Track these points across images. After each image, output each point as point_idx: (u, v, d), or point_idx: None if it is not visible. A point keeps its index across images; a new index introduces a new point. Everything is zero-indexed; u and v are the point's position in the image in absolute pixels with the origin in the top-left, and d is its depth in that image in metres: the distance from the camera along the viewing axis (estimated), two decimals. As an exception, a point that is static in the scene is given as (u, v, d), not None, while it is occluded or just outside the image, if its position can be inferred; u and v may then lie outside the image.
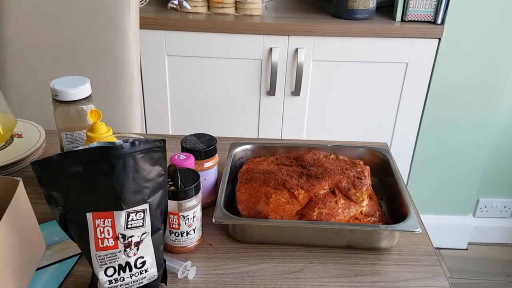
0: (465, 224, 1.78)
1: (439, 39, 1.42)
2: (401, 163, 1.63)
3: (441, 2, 1.39)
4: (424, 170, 1.66)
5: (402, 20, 1.44)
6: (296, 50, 1.43)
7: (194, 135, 0.75)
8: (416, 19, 1.43)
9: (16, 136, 0.90)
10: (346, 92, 1.50)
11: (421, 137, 1.59)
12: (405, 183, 1.67)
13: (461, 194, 1.72)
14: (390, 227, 0.66)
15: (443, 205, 1.74)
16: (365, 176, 0.72)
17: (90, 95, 0.75)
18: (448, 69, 1.48)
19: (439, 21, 1.41)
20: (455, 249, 1.81)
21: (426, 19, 1.43)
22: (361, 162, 0.76)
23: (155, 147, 0.53)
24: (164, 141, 0.54)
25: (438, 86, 1.50)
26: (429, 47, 1.43)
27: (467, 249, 1.82)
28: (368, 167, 0.75)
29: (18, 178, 0.58)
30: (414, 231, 0.64)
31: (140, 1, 1.47)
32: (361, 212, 0.70)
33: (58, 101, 0.73)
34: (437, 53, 1.44)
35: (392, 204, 0.75)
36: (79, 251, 0.65)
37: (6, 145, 0.87)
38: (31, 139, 0.89)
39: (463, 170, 1.66)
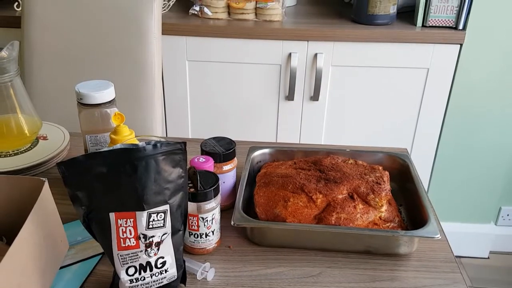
0: (486, 232, 1.74)
1: (461, 44, 1.40)
2: (422, 170, 1.61)
3: (462, 8, 1.37)
4: (445, 177, 1.64)
5: (423, 26, 1.43)
6: (315, 55, 1.43)
7: (214, 138, 0.76)
8: (437, 25, 1.42)
9: (42, 138, 0.93)
10: (365, 98, 1.50)
11: (442, 144, 1.57)
12: (426, 189, 1.65)
13: (483, 202, 1.69)
14: (410, 233, 0.65)
15: (464, 212, 1.71)
16: (384, 181, 0.72)
17: (114, 98, 0.77)
18: (470, 75, 1.46)
19: (460, 27, 1.40)
20: (476, 258, 1.78)
21: (447, 25, 1.41)
22: (380, 167, 0.76)
23: (176, 149, 0.54)
24: (185, 143, 0.55)
25: (459, 92, 1.48)
26: (450, 53, 1.42)
27: (488, 258, 1.79)
28: (387, 172, 0.75)
29: (44, 179, 0.60)
30: (433, 237, 0.63)
31: (163, 8, 1.50)
32: (380, 217, 0.70)
33: (82, 104, 0.75)
34: (458, 59, 1.43)
35: (412, 210, 0.74)
36: (101, 250, 0.67)
37: (32, 147, 0.90)
38: (56, 141, 0.92)
39: (485, 178, 1.63)
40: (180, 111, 1.56)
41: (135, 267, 0.55)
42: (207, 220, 0.65)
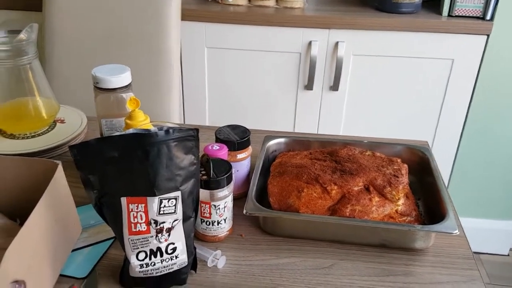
0: (507, 229, 1.70)
1: (488, 35, 1.36)
2: (443, 164, 1.57)
3: (491, -3, 1.33)
4: (467, 171, 1.60)
5: (449, 15, 1.39)
6: (337, 43, 1.40)
7: (229, 126, 0.76)
8: (464, 15, 1.37)
9: (59, 121, 0.94)
10: (387, 88, 1.47)
11: (465, 137, 1.53)
12: (446, 184, 1.61)
13: (504, 198, 1.64)
14: (426, 228, 0.63)
15: (485, 208, 1.67)
16: (402, 174, 0.70)
17: (130, 83, 0.77)
18: (497, 67, 1.41)
19: (488, 17, 1.35)
20: (496, 255, 1.74)
21: (474, 15, 1.37)
22: (399, 160, 0.74)
23: (189, 136, 0.53)
24: (197, 130, 0.54)
25: (485, 84, 1.44)
26: (476, 44, 1.37)
27: (508, 255, 1.75)
28: (405, 165, 0.73)
29: (58, 161, 0.60)
30: (451, 233, 0.62)
31: (182, -7, 1.48)
32: (396, 211, 0.68)
33: (99, 89, 0.75)
34: (485, 50, 1.38)
35: (430, 204, 0.72)
36: (113, 235, 0.67)
37: (49, 129, 0.91)
38: (73, 124, 0.92)
39: (508, 172, 1.59)
40: (198, 98, 1.56)
41: (145, 252, 0.55)
42: (219, 208, 0.64)
